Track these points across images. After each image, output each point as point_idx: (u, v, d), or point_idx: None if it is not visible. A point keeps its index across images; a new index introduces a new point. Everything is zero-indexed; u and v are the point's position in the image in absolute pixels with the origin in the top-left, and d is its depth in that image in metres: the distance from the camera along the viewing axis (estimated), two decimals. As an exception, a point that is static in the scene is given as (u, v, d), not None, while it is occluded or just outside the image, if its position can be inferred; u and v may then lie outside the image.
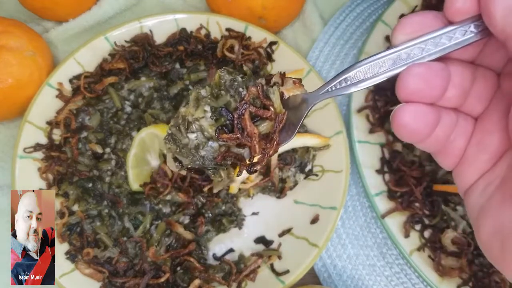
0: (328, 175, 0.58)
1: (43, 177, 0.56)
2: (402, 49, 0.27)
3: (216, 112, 0.32)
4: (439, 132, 0.28)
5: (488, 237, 0.27)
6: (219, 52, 0.63)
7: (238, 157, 0.32)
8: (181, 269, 0.53)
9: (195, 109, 0.33)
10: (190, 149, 0.33)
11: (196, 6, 0.73)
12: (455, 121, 0.29)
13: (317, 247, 0.53)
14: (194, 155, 0.33)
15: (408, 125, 0.26)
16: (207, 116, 0.33)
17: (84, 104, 0.60)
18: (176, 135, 0.34)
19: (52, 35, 0.67)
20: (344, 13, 0.72)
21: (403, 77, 0.26)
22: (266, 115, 0.31)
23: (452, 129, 0.29)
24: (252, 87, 0.31)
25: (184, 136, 0.33)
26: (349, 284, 0.57)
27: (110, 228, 0.54)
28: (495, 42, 0.27)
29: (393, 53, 0.27)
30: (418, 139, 0.28)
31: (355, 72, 0.28)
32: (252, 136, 0.31)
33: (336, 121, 0.59)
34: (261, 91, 0.31)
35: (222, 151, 0.32)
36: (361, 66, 0.28)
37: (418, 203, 0.56)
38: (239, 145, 0.32)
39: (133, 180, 0.55)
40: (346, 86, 0.29)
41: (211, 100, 0.33)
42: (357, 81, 0.28)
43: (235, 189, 0.56)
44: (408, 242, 0.54)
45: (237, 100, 0.32)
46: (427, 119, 0.27)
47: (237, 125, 0.31)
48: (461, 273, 0.53)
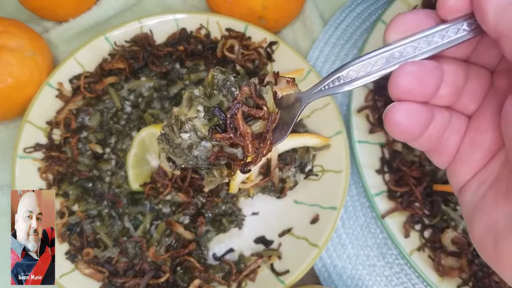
0: (328, 175, 0.58)
1: (43, 177, 0.57)
2: (395, 48, 0.27)
3: (209, 112, 0.32)
4: (432, 131, 0.28)
5: (482, 235, 0.27)
6: (219, 52, 0.63)
7: (232, 157, 0.33)
8: (181, 269, 0.53)
9: (188, 109, 0.33)
10: (183, 149, 0.33)
11: (196, 6, 0.73)
12: (448, 119, 0.29)
13: (317, 247, 0.53)
14: (188, 155, 0.33)
15: (401, 124, 0.26)
16: (200, 116, 0.33)
17: (84, 104, 0.60)
18: (169, 135, 0.34)
19: (52, 35, 0.67)
20: (344, 13, 0.72)
21: (395, 75, 0.26)
22: (259, 114, 0.31)
23: (445, 128, 0.29)
24: (244, 86, 0.31)
25: (177, 136, 0.33)
26: (349, 284, 0.57)
27: (110, 228, 0.54)
28: (488, 40, 0.27)
29: (386, 52, 0.27)
30: (410, 137, 0.28)
31: (348, 71, 0.28)
32: (245, 135, 0.31)
33: (336, 121, 0.59)
34: (253, 90, 0.32)
35: (215, 151, 0.32)
36: (354, 65, 0.28)
37: (418, 203, 0.56)
38: (232, 144, 0.32)
39: (133, 180, 0.55)
40: (339, 85, 0.29)
41: (204, 100, 0.33)
42: (350, 80, 0.28)
43: (235, 189, 0.56)
44: (408, 242, 0.54)
45: (230, 100, 0.32)
46: (419, 117, 0.27)
47: (230, 124, 0.31)
48: (461, 273, 0.53)
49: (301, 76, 0.63)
